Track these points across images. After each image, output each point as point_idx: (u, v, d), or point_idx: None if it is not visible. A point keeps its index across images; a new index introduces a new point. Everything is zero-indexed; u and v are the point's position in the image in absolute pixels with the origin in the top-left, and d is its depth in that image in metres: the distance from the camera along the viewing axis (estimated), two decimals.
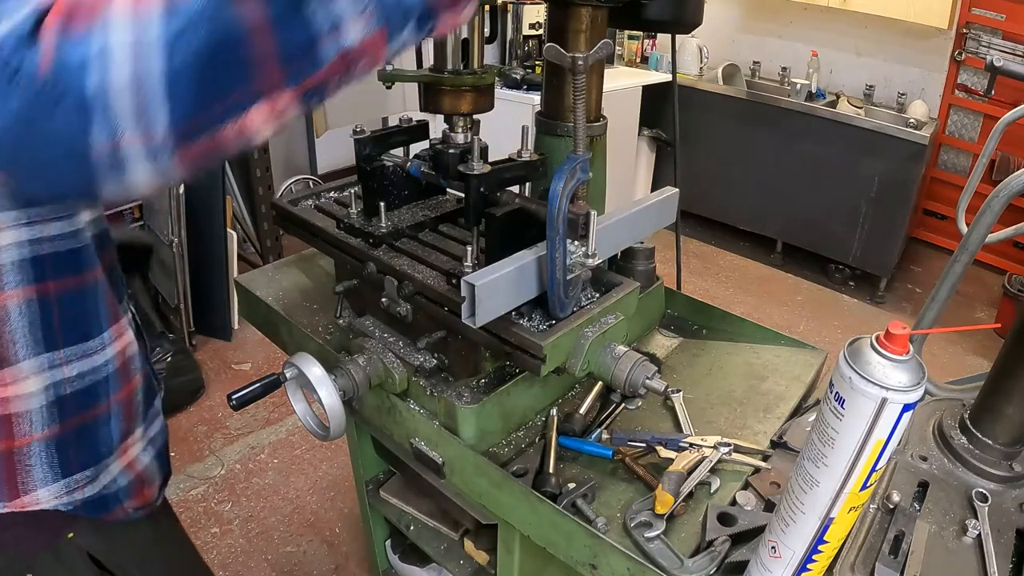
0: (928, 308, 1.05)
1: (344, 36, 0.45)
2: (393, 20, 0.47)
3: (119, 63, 0.42)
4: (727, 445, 1.03)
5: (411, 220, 1.18)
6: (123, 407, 0.95)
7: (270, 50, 0.44)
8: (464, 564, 1.45)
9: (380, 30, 0.46)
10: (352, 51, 0.46)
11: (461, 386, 1.09)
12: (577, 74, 0.85)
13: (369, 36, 0.46)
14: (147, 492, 1.02)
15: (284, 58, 0.45)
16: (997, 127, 1.21)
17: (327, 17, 0.44)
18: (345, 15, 0.45)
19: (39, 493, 0.89)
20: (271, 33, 0.43)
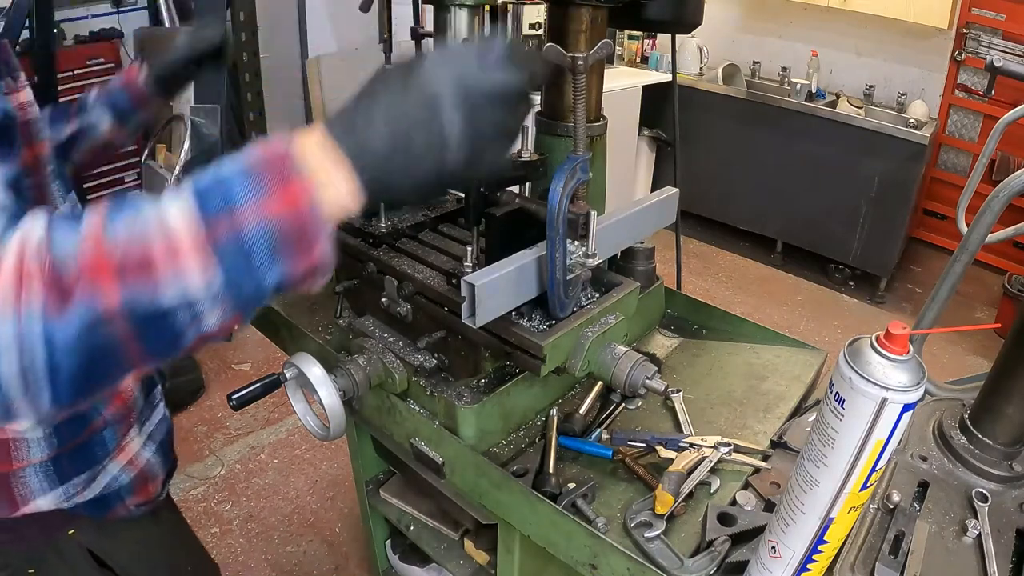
0: (928, 308, 1.05)
1: (203, 325, 0.52)
2: (248, 306, 0.53)
3: (7, 358, 0.48)
4: (727, 445, 1.03)
5: (411, 220, 1.18)
6: (117, 415, 0.96)
7: (137, 351, 0.51)
8: (464, 564, 1.45)
9: (236, 315, 0.53)
10: (210, 333, 0.53)
11: (461, 386, 1.09)
12: (577, 74, 0.85)
13: (227, 321, 0.53)
14: (151, 487, 1.03)
15: (150, 352, 0.52)
16: (997, 127, 1.21)
17: (188, 315, 0.50)
18: (204, 311, 0.51)
19: (38, 502, 0.90)
20: (138, 339, 0.50)
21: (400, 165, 0.55)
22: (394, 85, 0.56)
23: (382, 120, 0.54)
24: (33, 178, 0.82)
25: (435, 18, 1.05)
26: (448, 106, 0.54)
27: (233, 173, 0.51)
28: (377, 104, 0.55)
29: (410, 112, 0.55)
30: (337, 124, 0.55)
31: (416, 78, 0.55)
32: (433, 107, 0.54)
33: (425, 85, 0.55)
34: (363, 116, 0.55)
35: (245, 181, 0.51)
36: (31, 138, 0.83)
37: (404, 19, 1.19)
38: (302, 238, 0.52)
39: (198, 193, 0.51)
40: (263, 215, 0.50)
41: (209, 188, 0.51)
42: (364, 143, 0.54)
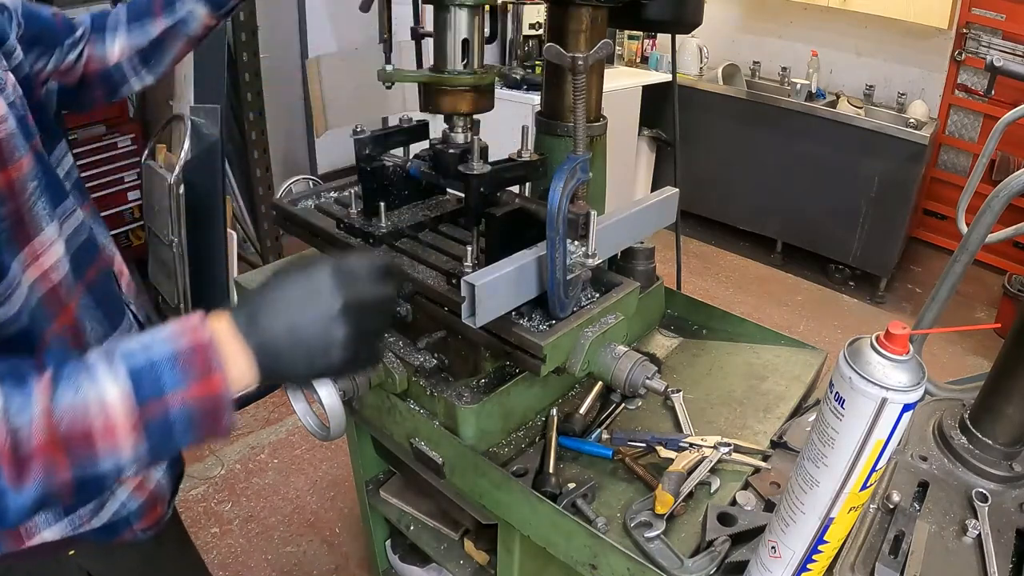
0: (928, 308, 1.05)
1: (124, 476, 0.61)
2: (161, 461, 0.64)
3: None
4: (727, 445, 1.03)
5: (411, 220, 1.18)
6: None
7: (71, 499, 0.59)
8: (464, 564, 1.45)
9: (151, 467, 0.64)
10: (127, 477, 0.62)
11: (461, 386, 1.09)
12: (577, 74, 0.85)
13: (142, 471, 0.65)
14: (159, 509, 1.00)
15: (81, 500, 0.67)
16: (997, 127, 1.21)
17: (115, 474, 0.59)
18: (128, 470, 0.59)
19: (43, 534, 0.88)
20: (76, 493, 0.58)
21: (291, 360, 0.65)
22: (295, 291, 0.66)
23: (282, 325, 0.64)
24: (9, 205, 0.70)
25: (435, 18, 1.05)
26: (339, 319, 0.65)
27: (164, 358, 0.59)
28: (278, 308, 0.65)
29: (306, 321, 0.65)
30: (244, 319, 0.64)
31: (315, 290, 0.66)
32: (326, 319, 0.65)
33: (322, 299, 0.66)
34: (266, 317, 0.65)
35: (174, 369, 0.59)
36: (4, 161, 0.71)
37: (404, 19, 1.19)
38: (214, 416, 0.61)
39: (133, 376, 0.58)
40: (186, 400, 0.59)
41: (143, 372, 0.58)
42: (265, 342, 0.64)
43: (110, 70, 0.98)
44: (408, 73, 1.08)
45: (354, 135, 1.14)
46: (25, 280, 0.72)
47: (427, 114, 1.13)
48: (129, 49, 0.98)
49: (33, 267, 0.74)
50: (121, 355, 0.59)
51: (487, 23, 1.09)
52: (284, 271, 0.69)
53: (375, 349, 0.73)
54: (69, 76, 0.95)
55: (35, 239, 0.74)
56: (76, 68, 0.95)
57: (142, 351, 0.59)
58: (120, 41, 0.97)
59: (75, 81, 0.96)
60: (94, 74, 0.97)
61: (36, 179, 0.75)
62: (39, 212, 0.75)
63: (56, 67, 0.91)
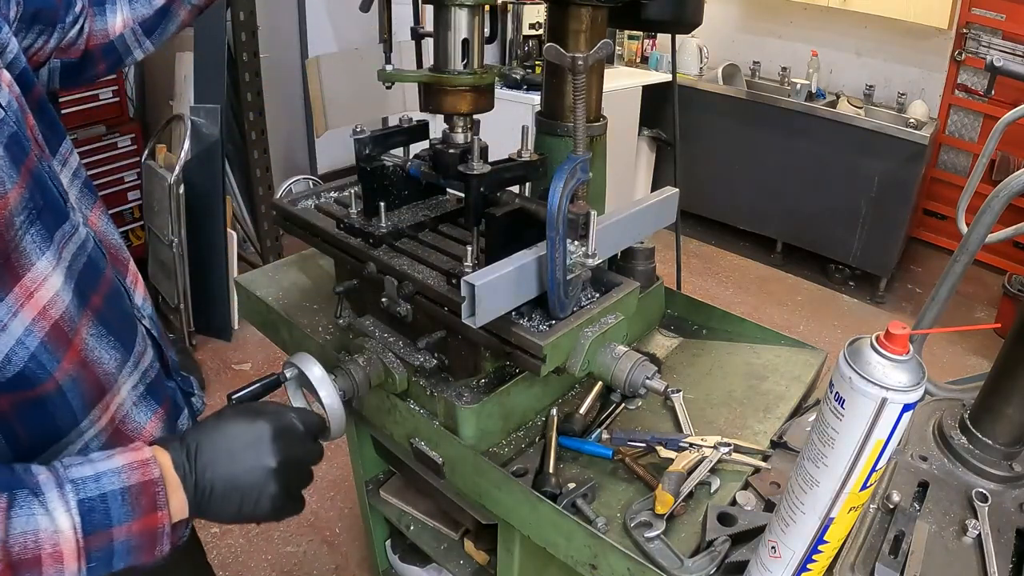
0: (928, 308, 1.05)
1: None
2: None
3: None
4: (727, 445, 1.03)
5: (411, 220, 1.18)
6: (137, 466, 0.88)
7: None
8: (464, 564, 1.45)
9: None
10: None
11: (461, 386, 1.09)
12: (577, 74, 0.85)
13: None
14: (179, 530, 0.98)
15: None
16: (997, 127, 1.21)
17: None
18: None
19: None
20: None
21: (222, 506, 0.71)
22: (236, 443, 0.72)
23: (221, 473, 0.70)
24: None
25: (435, 18, 1.05)
26: (273, 475, 0.72)
27: (114, 492, 0.63)
28: (219, 456, 0.71)
29: (243, 472, 0.71)
30: (186, 460, 0.69)
31: (255, 445, 0.73)
32: (262, 474, 0.72)
33: (261, 454, 0.72)
34: (207, 462, 0.70)
35: (123, 504, 0.63)
36: None
37: (404, 19, 1.19)
38: (152, 545, 0.66)
39: (82, 508, 0.61)
40: (131, 533, 0.64)
41: (94, 504, 0.62)
42: (203, 486, 0.69)
43: (112, 43, 0.96)
44: (408, 73, 1.08)
45: (354, 135, 1.14)
46: (19, 323, 0.66)
47: (427, 114, 1.13)
48: (132, 21, 0.96)
49: (28, 307, 0.66)
50: (72, 483, 0.62)
51: (487, 23, 1.09)
52: (228, 417, 0.75)
53: (300, 502, 0.79)
54: (71, 52, 0.92)
55: (25, 276, 0.66)
56: (78, 44, 0.92)
57: (93, 481, 0.63)
58: (122, 13, 0.95)
59: (77, 57, 0.93)
60: (96, 48, 0.95)
61: (25, 210, 0.66)
62: (28, 245, 0.67)
63: (57, 44, 0.88)
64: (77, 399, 0.73)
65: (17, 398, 0.68)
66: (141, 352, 0.84)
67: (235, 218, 3.46)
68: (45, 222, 0.69)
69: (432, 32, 1.06)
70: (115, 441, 0.79)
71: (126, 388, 0.81)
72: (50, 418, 0.72)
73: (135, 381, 0.83)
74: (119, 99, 3.16)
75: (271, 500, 0.73)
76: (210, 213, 2.95)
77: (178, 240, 2.87)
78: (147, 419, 0.84)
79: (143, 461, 0.66)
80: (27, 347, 0.66)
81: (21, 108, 0.70)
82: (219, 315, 3.15)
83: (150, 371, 0.86)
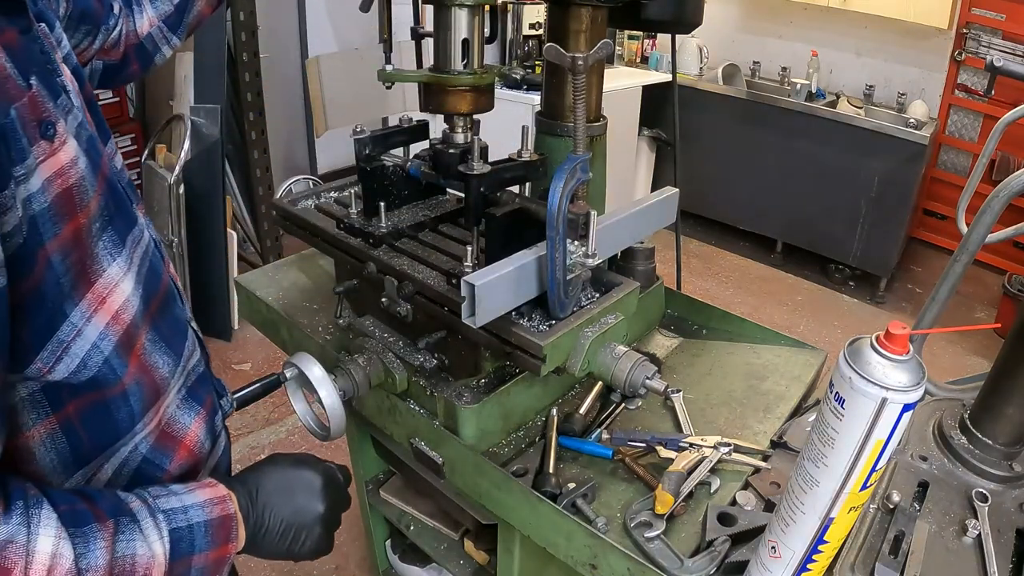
0: (928, 308, 1.05)
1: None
2: None
3: None
4: (727, 445, 1.03)
5: (411, 220, 1.18)
6: (187, 464, 0.85)
7: None
8: (464, 564, 1.45)
9: None
10: None
11: (461, 386, 1.09)
12: (577, 74, 0.85)
13: None
14: None
15: None
16: (997, 127, 1.21)
17: None
18: None
19: None
20: None
21: (271, 543, 0.79)
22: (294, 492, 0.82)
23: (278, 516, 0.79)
24: (74, 254, 0.63)
25: (435, 18, 1.05)
26: (319, 520, 0.83)
27: (199, 524, 0.70)
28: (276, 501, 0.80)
29: (296, 515, 0.81)
30: (247, 502, 0.77)
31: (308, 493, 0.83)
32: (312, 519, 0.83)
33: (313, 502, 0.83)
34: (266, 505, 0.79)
35: (206, 536, 0.70)
36: (74, 208, 0.62)
37: (404, 19, 1.19)
38: (218, 572, 0.73)
39: (173, 536, 0.67)
40: (207, 560, 0.70)
41: (182, 534, 0.68)
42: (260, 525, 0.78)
43: (143, 42, 1.00)
44: (408, 73, 1.08)
45: (354, 135, 1.14)
46: (93, 328, 0.65)
47: (427, 114, 1.13)
48: (156, 19, 1.00)
49: (101, 312, 0.66)
50: (163, 514, 0.68)
51: (487, 23, 1.09)
52: (283, 464, 0.84)
53: (332, 543, 0.89)
54: (112, 54, 0.95)
55: (98, 281, 0.66)
56: (118, 46, 0.96)
57: (182, 513, 0.69)
58: (148, 12, 0.99)
59: (118, 59, 0.97)
60: (131, 48, 0.99)
61: (101, 217, 0.67)
62: (101, 251, 0.67)
63: (101, 46, 0.92)
64: (138, 402, 0.73)
65: (86, 401, 0.68)
66: (189, 354, 0.84)
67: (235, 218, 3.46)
68: (117, 227, 0.69)
69: (432, 32, 1.06)
70: (162, 442, 0.79)
71: (174, 391, 0.81)
72: (112, 421, 0.72)
73: (181, 383, 0.82)
74: (119, 99, 3.16)
75: (315, 541, 0.83)
76: (210, 213, 2.95)
77: (178, 240, 2.87)
78: (191, 420, 0.84)
79: (222, 498, 0.74)
80: (102, 352, 0.66)
81: (82, 108, 0.70)
82: (219, 315, 3.15)
83: (193, 373, 0.86)
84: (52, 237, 0.60)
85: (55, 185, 0.60)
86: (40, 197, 0.58)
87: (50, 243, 0.60)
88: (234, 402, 0.99)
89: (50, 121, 0.60)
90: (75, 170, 0.63)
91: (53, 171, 0.60)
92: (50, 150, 0.60)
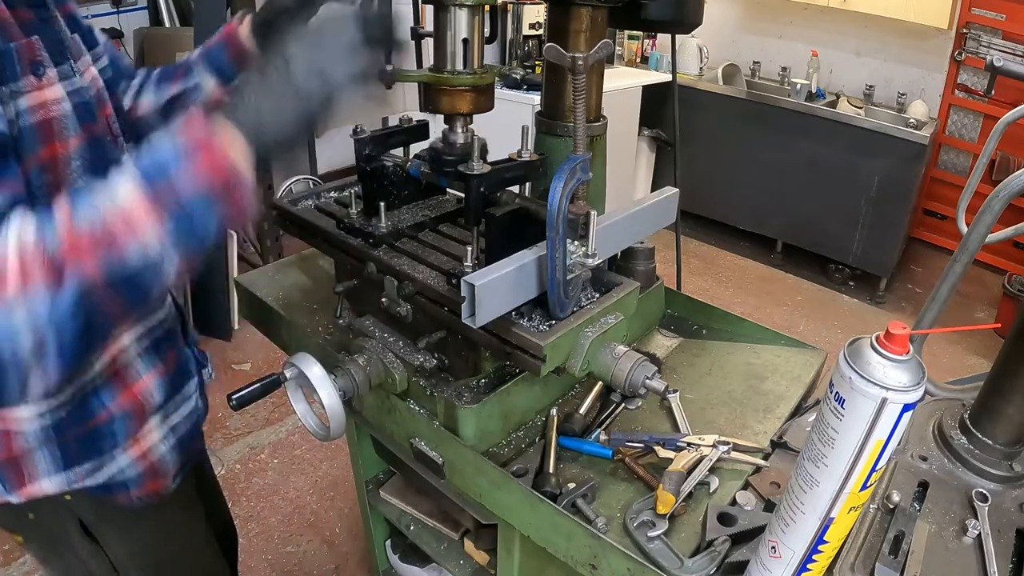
0: (928, 308, 1.05)
1: (164, 278, 0.67)
2: (194, 254, 0.68)
3: (23, 341, 0.60)
4: (725, 443, 1.03)
5: (411, 220, 1.18)
6: (129, 408, 0.95)
7: (118, 308, 0.66)
8: (464, 564, 1.45)
9: (187, 262, 0.68)
10: (171, 281, 0.68)
11: (461, 386, 1.09)
12: (577, 74, 0.85)
13: (181, 269, 0.68)
14: (160, 482, 1.03)
15: (129, 309, 0.68)
16: (997, 127, 1.21)
17: (151, 273, 0.65)
18: (163, 266, 0.65)
19: (42, 483, 0.93)
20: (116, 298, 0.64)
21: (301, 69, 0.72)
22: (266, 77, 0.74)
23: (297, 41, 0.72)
24: (49, 175, 0.78)
25: (435, 18, 1.05)
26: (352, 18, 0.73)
27: (164, 147, 0.67)
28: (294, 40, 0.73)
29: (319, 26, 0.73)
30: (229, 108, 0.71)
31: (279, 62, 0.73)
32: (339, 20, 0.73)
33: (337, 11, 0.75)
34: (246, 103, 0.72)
35: (176, 155, 0.66)
36: (51, 136, 0.78)
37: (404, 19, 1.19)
38: (226, 189, 0.67)
39: (140, 168, 0.65)
40: (194, 176, 0.65)
41: (147, 162, 0.66)
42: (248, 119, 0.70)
43: (137, 121, 1.08)
44: (408, 73, 1.07)
45: (354, 135, 1.14)
46: None
47: (427, 114, 1.13)
48: (151, 106, 1.09)
49: None
50: (126, 162, 0.67)
51: (487, 23, 1.09)
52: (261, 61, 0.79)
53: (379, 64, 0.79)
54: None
55: None
56: (129, 111, 1.07)
57: (146, 151, 0.67)
58: (147, 97, 1.09)
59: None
60: (133, 119, 1.07)
61: (82, 157, 0.81)
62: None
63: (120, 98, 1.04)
64: None
65: None
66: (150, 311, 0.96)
67: None
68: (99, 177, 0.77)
69: (432, 32, 1.06)
70: (111, 381, 0.92)
71: (132, 337, 0.93)
72: None
73: (141, 332, 0.95)
74: None
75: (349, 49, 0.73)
76: None
77: None
78: (146, 371, 0.96)
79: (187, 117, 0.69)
80: None
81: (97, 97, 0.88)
82: (219, 315, 3.15)
83: (158, 328, 0.98)
84: (32, 153, 0.75)
85: (38, 113, 0.76)
86: (26, 116, 0.75)
87: (30, 158, 0.75)
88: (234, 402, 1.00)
89: (41, 64, 0.77)
90: (57, 108, 0.79)
91: (38, 102, 0.76)
92: (37, 84, 0.76)
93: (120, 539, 1.05)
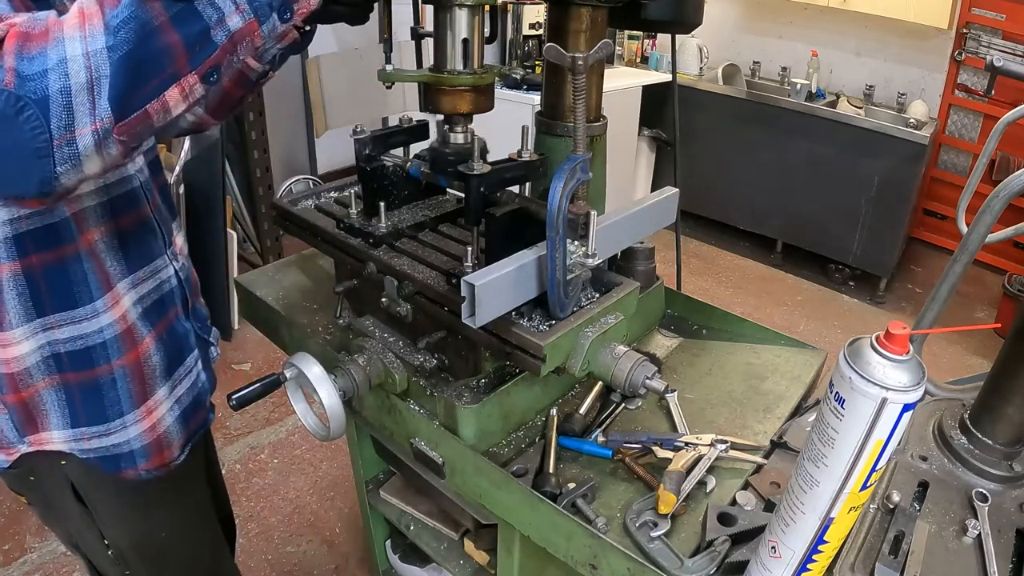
0: (928, 308, 1.05)
1: (228, 24, 0.64)
2: (261, 11, 0.66)
3: (76, 71, 0.59)
4: (723, 442, 1.03)
5: (411, 220, 1.18)
6: (131, 371, 0.97)
7: (177, 41, 0.62)
8: (464, 564, 1.45)
9: (253, 19, 0.65)
10: (236, 34, 0.65)
11: (461, 386, 1.09)
12: (577, 74, 0.85)
13: (246, 24, 0.65)
14: (166, 454, 1.05)
15: (187, 46, 0.63)
16: (997, 127, 1.21)
17: (214, 12, 0.63)
18: (226, 10, 0.63)
19: (52, 433, 0.96)
20: (175, 29, 0.61)
21: None
22: None
23: None
24: None
25: (435, 18, 1.05)
26: None
27: None
28: None
29: None
30: None
31: None
32: None
33: None
34: None
35: None
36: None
37: (404, 19, 1.19)
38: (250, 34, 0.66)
39: None
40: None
41: None
42: None
43: None
44: (408, 73, 1.07)
45: (354, 135, 1.14)
46: None
47: (427, 114, 1.13)
48: None
49: None
50: None
51: (487, 23, 1.09)
52: None
53: None
54: None
55: None
56: None
57: None
58: None
59: None
60: None
61: None
62: None
63: None
64: (93, 274, 0.89)
65: (48, 257, 0.84)
66: (149, 275, 1.00)
67: (235, 218, 3.46)
68: None
69: (432, 32, 1.06)
70: (121, 338, 0.95)
71: (128, 295, 0.96)
72: (67, 283, 0.87)
73: (142, 294, 0.99)
74: None
75: None
76: (210, 213, 2.95)
77: None
78: (147, 333, 0.99)
79: None
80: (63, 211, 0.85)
81: None
82: (219, 315, 3.15)
83: (155, 292, 1.02)
84: None
85: None
86: None
87: None
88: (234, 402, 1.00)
89: None
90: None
91: None
92: None
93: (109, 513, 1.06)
